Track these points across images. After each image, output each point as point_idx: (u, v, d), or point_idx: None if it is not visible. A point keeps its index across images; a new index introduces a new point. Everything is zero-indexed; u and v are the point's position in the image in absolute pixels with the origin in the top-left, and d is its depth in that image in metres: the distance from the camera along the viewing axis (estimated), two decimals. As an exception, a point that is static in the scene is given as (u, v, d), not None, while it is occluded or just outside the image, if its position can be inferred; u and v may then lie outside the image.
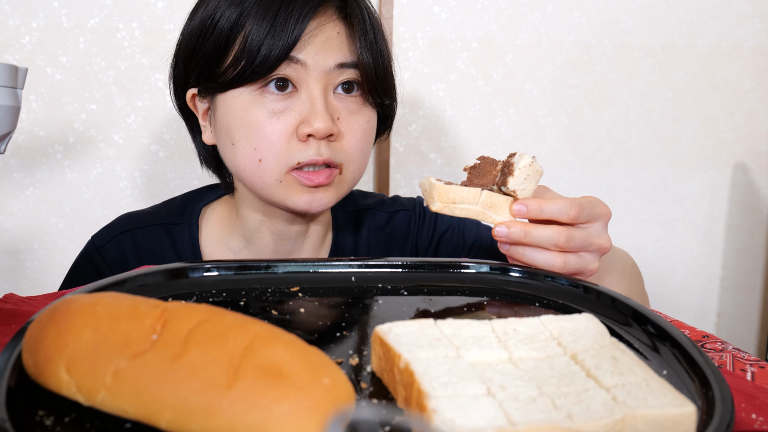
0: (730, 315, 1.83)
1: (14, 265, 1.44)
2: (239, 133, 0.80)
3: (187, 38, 0.84)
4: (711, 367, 0.48)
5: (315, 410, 0.38)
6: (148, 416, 0.40)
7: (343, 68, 0.81)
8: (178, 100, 0.90)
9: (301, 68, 0.79)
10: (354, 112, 0.83)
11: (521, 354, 0.49)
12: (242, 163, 0.81)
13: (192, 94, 0.86)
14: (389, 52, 0.88)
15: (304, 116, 0.79)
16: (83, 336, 0.42)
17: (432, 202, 0.70)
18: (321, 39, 0.79)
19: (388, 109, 0.89)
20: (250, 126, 0.79)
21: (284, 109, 0.79)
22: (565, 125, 1.63)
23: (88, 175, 1.44)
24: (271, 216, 0.90)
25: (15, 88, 0.59)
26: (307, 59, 0.78)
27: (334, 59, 0.80)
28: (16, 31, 1.36)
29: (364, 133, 0.84)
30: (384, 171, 1.55)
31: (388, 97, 0.87)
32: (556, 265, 0.70)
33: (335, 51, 0.80)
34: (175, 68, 0.88)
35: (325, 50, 0.79)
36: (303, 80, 0.79)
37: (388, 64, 0.86)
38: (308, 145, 0.79)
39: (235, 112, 0.81)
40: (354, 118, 0.83)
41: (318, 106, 0.78)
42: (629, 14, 1.61)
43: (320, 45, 0.79)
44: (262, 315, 0.61)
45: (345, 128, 0.82)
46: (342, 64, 0.80)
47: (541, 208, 0.69)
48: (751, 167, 1.75)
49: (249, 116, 0.79)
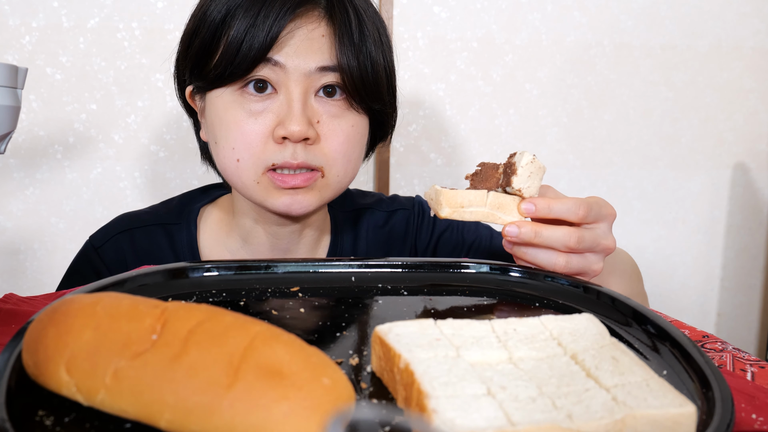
0: (730, 315, 1.83)
1: (14, 265, 1.44)
2: (220, 132, 0.81)
3: (184, 35, 0.86)
4: (711, 367, 0.48)
5: (315, 410, 0.38)
6: (148, 416, 0.40)
7: (325, 71, 0.79)
8: (181, 96, 0.91)
9: (279, 70, 0.78)
10: (336, 116, 0.81)
11: (521, 354, 0.49)
12: (223, 161, 0.82)
13: (189, 92, 0.88)
14: (386, 57, 0.85)
15: (281, 118, 0.78)
16: (83, 336, 0.42)
17: (440, 209, 0.70)
18: (300, 40, 0.78)
19: (381, 114, 0.87)
20: (229, 125, 0.80)
21: (262, 110, 0.79)
22: (565, 125, 1.63)
23: (88, 175, 1.44)
24: (263, 216, 0.90)
25: (15, 88, 0.59)
26: (286, 61, 0.78)
27: (315, 62, 0.78)
28: (16, 31, 1.36)
29: (348, 137, 0.82)
30: (384, 171, 1.55)
31: (377, 102, 0.84)
32: (559, 264, 0.70)
33: (316, 54, 0.79)
34: (176, 67, 0.90)
35: (305, 52, 0.78)
36: (282, 82, 0.79)
37: (379, 69, 0.83)
38: (284, 147, 0.79)
39: (217, 111, 0.81)
40: (336, 121, 0.81)
41: (294, 109, 0.78)
42: (629, 14, 1.61)
43: (299, 46, 0.78)
44: (262, 315, 0.61)
45: (326, 132, 0.81)
46: (323, 67, 0.79)
47: (549, 207, 0.69)
48: (751, 167, 1.75)
49: (228, 116, 0.80)
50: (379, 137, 0.93)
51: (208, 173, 0.98)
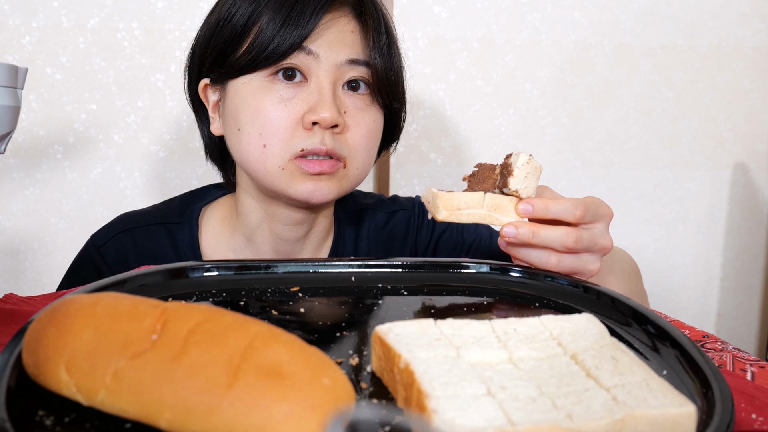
0: (730, 315, 1.83)
1: (14, 265, 1.44)
2: (246, 118, 0.82)
3: (204, 32, 0.87)
4: (711, 367, 0.48)
5: (315, 410, 0.38)
6: (148, 416, 0.40)
7: (354, 65, 0.82)
8: (190, 91, 0.92)
9: (312, 59, 0.80)
10: (361, 109, 0.84)
11: (521, 354, 0.49)
12: (246, 148, 0.82)
13: (204, 84, 0.88)
14: (401, 62, 0.89)
15: (312, 105, 0.80)
16: (83, 336, 0.42)
17: (437, 212, 0.70)
18: (334, 32, 0.81)
19: (395, 114, 0.90)
20: (257, 111, 0.81)
21: (292, 97, 0.81)
22: (565, 125, 1.63)
23: (88, 175, 1.44)
24: (271, 216, 0.90)
25: (15, 88, 0.59)
26: (320, 51, 0.80)
27: (346, 54, 0.81)
28: (16, 31, 1.36)
29: (370, 131, 0.85)
30: (384, 171, 1.55)
31: (397, 100, 0.88)
32: (551, 263, 0.70)
33: (347, 47, 0.82)
34: (191, 59, 0.90)
35: (338, 45, 0.81)
36: (313, 71, 0.81)
37: (399, 69, 0.88)
38: (313, 133, 0.80)
39: (243, 98, 0.82)
40: (360, 114, 0.84)
41: (326, 96, 0.80)
42: (629, 14, 1.61)
43: (333, 38, 0.81)
44: (262, 315, 0.61)
45: (351, 123, 0.83)
46: (353, 60, 0.82)
47: (547, 208, 0.69)
48: (751, 167, 1.75)
49: (257, 102, 0.81)
50: (388, 140, 0.95)
51: (207, 173, 0.98)
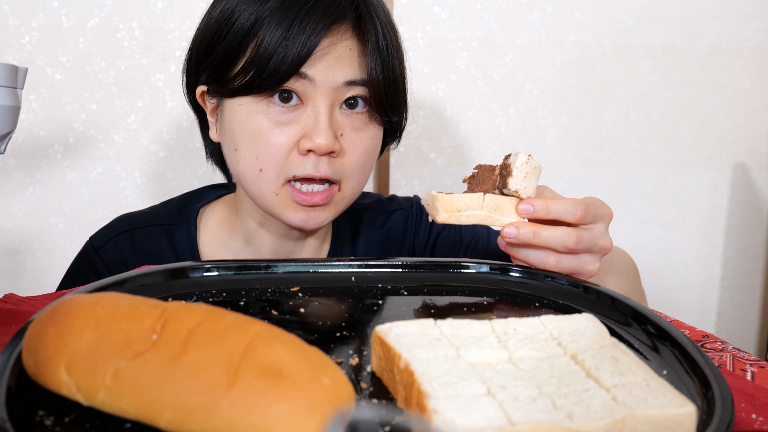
0: (730, 315, 1.83)
1: (14, 265, 1.44)
2: (243, 141, 0.80)
3: (202, 34, 0.83)
4: (711, 367, 0.48)
5: (315, 410, 0.38)
6: (148, 416, 0.40)
7: (352, 85, 0.80)
8: (189, 93, 0.90)
9: (308, 83, 0.78)
10: (358, 129, 0.82)
11: (521, 354, 0.49)
12: (243, 170, 0.81)
13: (201, 91, 0.87)
14: (402, 67, 0.86)
15: (307, 130, 0.78)
16: (83, 336, 0.42)
17: (437, 214, 0.70)
18: (333, 56, 0.78)
19: (395, 124, 0.89)
20: (253, 135, 0.79)
21: (288, 122, 0.79)
22: (565, 125, 1.63)
23: (88, 175, 1.44)
24: (269, 220, 0.90)
25: (15, 88, 0.59)
26: (316, 75, 0.77)
27: (343, 76, 0.79)
28: (16, 31, 1.36)
29: (366, 151, 0.83)
30: (384, 171, 1.55)
31: (396, 114, 0.86)
32: (549, 263, 0.70)
33: (345, 68, 0.79)
34: (188, 62, 0.88)
35: (335, 67, 0.78)
36: (310, 95, 0.78)
37: (399, 79, 0.84)
38: (307, 159, 0.78)
39: (240, 119, 0.80)
40: (357, 135, 0.82)
41: (322, 123, 0.77)
42: (629, 14, 1.61)
43: (331, 62, 0.78)
44: (262, 315, 0.61)
45: (347, 145, 0.81)
46: (351, 81, 0.79)
47: (547, 208, 0.69)
48: (751, 167, 1.75)
49: (253, 125, 0.79)
50: (388, 142, 0.94)
51: (207, 173, 0.98)
